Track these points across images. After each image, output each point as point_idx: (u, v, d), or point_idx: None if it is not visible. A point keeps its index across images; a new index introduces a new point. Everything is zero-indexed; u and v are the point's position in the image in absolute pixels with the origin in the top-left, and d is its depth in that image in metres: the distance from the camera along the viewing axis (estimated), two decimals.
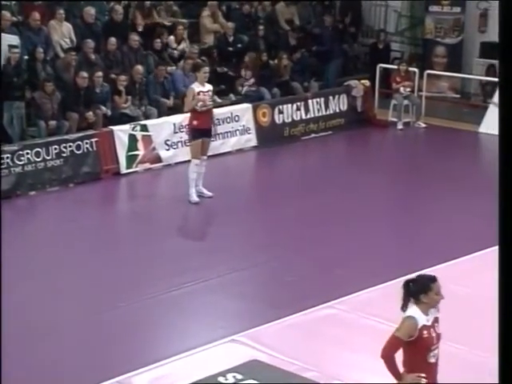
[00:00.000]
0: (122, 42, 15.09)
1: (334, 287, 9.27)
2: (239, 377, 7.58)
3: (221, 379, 7.56)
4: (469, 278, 9.65)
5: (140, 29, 15.59)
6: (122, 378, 7.56)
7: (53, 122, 13.47)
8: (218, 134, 13.47)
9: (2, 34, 13.56)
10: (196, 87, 11.96)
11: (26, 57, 13.99)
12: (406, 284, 5.77)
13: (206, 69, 12.22)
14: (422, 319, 5.66)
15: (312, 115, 16.06)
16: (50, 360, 7.92)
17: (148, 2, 16.21)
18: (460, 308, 8.39)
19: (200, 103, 11.82)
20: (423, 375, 5.65)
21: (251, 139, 15.18)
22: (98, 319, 8.75)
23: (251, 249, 10.68)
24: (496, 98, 16.22)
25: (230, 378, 7.58)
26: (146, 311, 8.96)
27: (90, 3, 15.67)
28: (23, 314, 8.67)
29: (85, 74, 13.85)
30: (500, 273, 5.62)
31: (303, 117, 15.94)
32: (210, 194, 12.30)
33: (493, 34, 18.19)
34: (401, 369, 5.70)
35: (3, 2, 14.27)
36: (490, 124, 16.02)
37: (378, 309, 8.34)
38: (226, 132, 14.64)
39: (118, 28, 15.39)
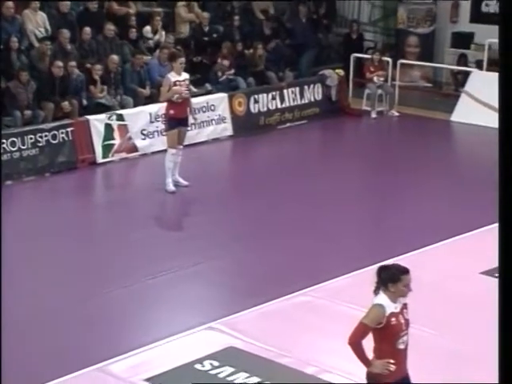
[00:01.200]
0: (97, 32, 15.03)
1: (307, 275, 9.31)
2: (216, 364, 7.61)
3: (198, 366, 7.59)
4: (438, 264, 9.76)
5: (115, 18, 15.54)
6: (101, 365, 7.57)
7: (28, 112, 13.43)
8: (194, 124, 13.47)
9: None
10: (172, 77, 11.94)
11: (0, 46, 13.89)
12: (380, 270, 5.82)
13: (182, 59, 12.19)
14: (391, 307, 5.69)
15: (287, 104, 16.10)
16: (30, 346, 7.94)
17: None
18: (428, 294, 8.49)
19: (176, 95, 11.82)
20: (392, 361, 5.69)
21: (227, 128, 15.20)
22: (75, 308, 8.74)
23: (227, 238, 10.70)
24: (467, 87, 16.35)
25: (207, 364, 7.61)
26: (123, 300, 8.97)
27: None
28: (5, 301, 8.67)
29: (60, 64, 13.79)
30: (500, 273, 5.54)
31: (278, 106, 15.98)
32: (186, 183, 12.31)
33: (464, 25, 18.37)
34: (371, 355, 5.77)
35: None
36: (462, 113, 16.18)
37: (351, 295, 8.40)
38: (202, 121, 14.62)
39: (93, 17, 15.34)
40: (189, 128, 12.61)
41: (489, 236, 10.58)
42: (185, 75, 12.09)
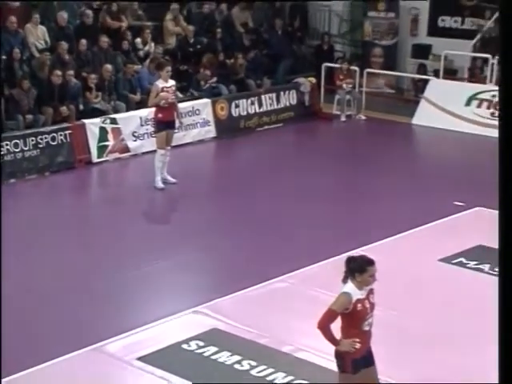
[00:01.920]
0: (92, 44, 15.01)
1: (284, 263, 9.33)
2: (201, 344, 7.63)
3: (185, 346, 7.61)
4: (401, 252, 9.80)
5: (109, 31, 15.51)
6: (96, 345, 7.57)
7: (30, 116, 13.37)
8: (181, 127, 13.44)
9: None
10: (160, 84, 11.95)
11: (4, 57, 13.83)
12: (348, 260, 5.84)
13: (169, 67, 12.19)
14: (357, 294, 5.72)
15: (265, 109, 16.12)
16: (34, 326, 7.92)
17: (116, 7, 16.12)
18: (391, 279, 8.53)
19: (162, 101, 11.81)
20: (357, 340, 5.73)
21: (211, 131, 15.20)
22: (73, 294, 8.72)
23: (211, 231, 10.69)
24: (426, 93, 16.42)
25: (193, 345, 7.63)
26: (117, 287, 8.95)
27: (62, 8, 15.56)
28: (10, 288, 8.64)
29: (58, 73, 13.77)
30: (500, 274, 5.26)
31: (257, 110, 15.99)
32: (173, 180, 12.30)
33: (422, 37, 18.49)
34: (340, 335, 5.80)
35: None
36: (422, 116, 16.24)
37: (323, 282, 8.42)
38: (188, 124, 14.61)
39: (89, 30, 15.30)
40: (176, 130, 12.59)
41: (446, 227, 10.68)
42: (171, 82, 12.09)
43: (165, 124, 12.04)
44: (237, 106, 15.66)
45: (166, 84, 11.94)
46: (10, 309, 8.07)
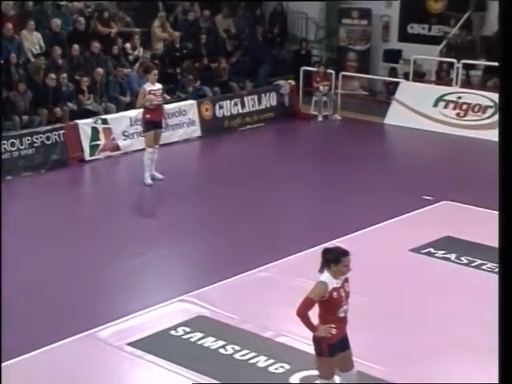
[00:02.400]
0: (84, 49, 14.94)
1: (266, 254, 9.33)
2: (188, 330, 7.63)
3: (172, 332, 7.60)
4: (374, 243, 9.82)
5: (100, 37, 15.45)
6: (89, 332, 7.55)
7: (25, 117, 13.30)
8: (168, 126, 13.40)
9: None
10: (147, 87, 11.94)
11: (1, 61, 13.73)
12: (324, 252, 5.84)
13: (156, 71, 12.20)
14: (332, 283, 5.72)
15: (247, 110, 16.09)
16: (29, 314, 7.86)
17: (106, 15, 16.06)
18: (365, 268, 8.54)
19: (147, 103, 11.78)
20: (334, 326, 5.74)
21: (196, 130, 15.16)
22: (67, 284, 8.68)
23: (197, 224, 10.68)
24: (397, 95, 16.45)
25: (180, 331, 7.62)
26: (108, 277, 8.91)
27: (56, 15, 15.49)
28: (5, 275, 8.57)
29: (53, 76, 13.74)
30: (500, 276, 5.02)
31: (240, 111, 15.96)
32: (161, 176, 12.25)
33: (393, 43, 18.56)
34: (317, 321, 5.79)
35: None
36: (393, 116, 16.28)
37: (302, 271, 8.40)
38: (175, 124, 14.58)
39: (81, 36, 15.24)
40: (163, 130, 12.53)
41: (416, 219, 10.71)
42: (158, 85, 12.07)
43: (153, 124, 12.02)
44: (221, 107, 15.63)
45: (153, 87, 11.91)
46: (6, 299, 8.00)
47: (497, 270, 9.02)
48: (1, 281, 8.21)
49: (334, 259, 5.72)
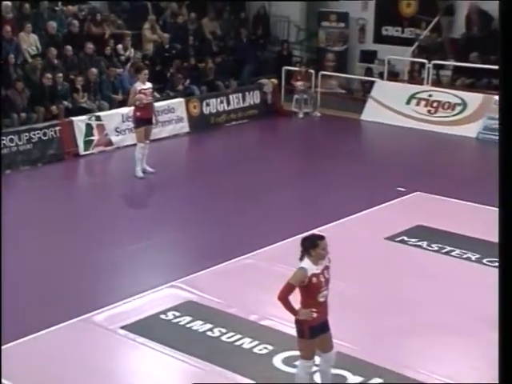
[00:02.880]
0: (78, 50, 14.85)
1: (251, 242, 9.31)
2: (177, 314, 7.61)
3: (163, 316, 7.58)
4: (352, 232, 9.82)
5: (93, 38, 15.36)
6: (84, 316, 7.52)
7: (23, 114, 13.21)
8: (158, 123, 13.34)
9: None
10: (138, 86, 11.88)
11: (0, 62, 13.61)
12: (302, 240, 5.83)
13: (146, 71, 12.14)
14: (312, 269, 5.71)
15: (232, 107, 16.04)
16: (27, 300, 7.81)
17: (99, 17, 15.96)
18: (343, 255, 8.55)
19: (138, 102, 11.72)
20: (314, 310, 5.74)
21: (184, 127, 15.09)
22: (63, 272, 8.63)
23: (185, 214, 10.64)
24: (373, 93, 16.46)
25: (170, 315, 7.60)
26: (102, 265, 8.86)
27: (52, 18, 15.37)
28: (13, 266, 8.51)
29: (49, 75, 13.64)
30: (500, 276, 4.79)
31: (225, 108, 15.91)
32: (152, 170, 12.20)
33: (369, 44, 18.56)
34: (299, 306, 5.78)
35: None
36: (369, 113, 16.29)
37: (286, 258, 8.33)
38: (164, 121, 14.52)
39: (76, 38, 15.15)
40: (153, 126, 12.47)
41: (390, 209, 10.73)
42: (148, 84, 12.01)
43: (143, 121, 11.97)
44: (207, 105, 15.57)
45: (143, 86, 11.86)
46: (6, 285, 7.94)
47: (465, 256, 9.08)
48: (1, 268, 8.14)
49: (312, 244, 5.72)
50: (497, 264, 8.83)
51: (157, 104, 13.13)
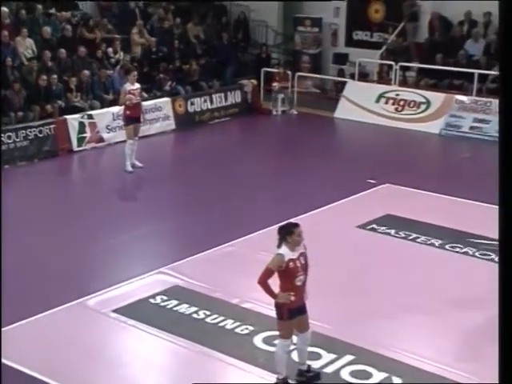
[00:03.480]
0: (72, 53, 14.68)
1: (233, 231, 9.28)
2: (165, 298, 7.58)
3: (151, 300, 7.55)
4: (326, 221, 9.83)
5: (86, 42, 15.22)
6: (78, 301, 7.47)
7: (20, 113, 13.06)
8: (146, 121, 13.25)
9: None
10: (128, 86, 11.80)
11: None
12: (279, 229, 5.82)
13: (135, 72, 12.08)
14: (289, 254, 5.71)
15: (215, 106, 15.95)
16: (25, 286, 7.73)
17: (91, 23, 15.80)
18: (318, 242, 8.55)
19: (128, 102, 11.65)
20: (292, 294, 5.74)
21: (171, 124, 14.99)
22: (58, 260, 8.56)
23: (172, 206, 10.60)
24: (345, 93, 16.45)
25: (158, 299, 7.57)
26: (94, 253, 8.80)
27: (47, 23, 15.18)
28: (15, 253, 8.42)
29: (44, 77, 13.49)
30: (500, 278, 4.20)
31: (209, 107, 15.83)
32: (141, 165, 12.11)
33: (341, 48, 18.57)
34: (278, 290, 5.77)
35: None
36: (341, 111, 16.28)
37: (264, 246, 8.32)
38: (152, 119, 14.41)
39: (69, 42, 14.98)
40: (142, 124, 12.38)
41: (361, 200, 10.75)
42: (137, 85, 11.93)
43: (133, 119, 11.90)
44: (192, 104, 15.48)
45: (132, 87, 11.79)
46: (4, 273, 7.86)
47: (429, 242, 9.12)
48: (1, 257, 8.05)
49: (288, 232, 5.72)
50: (458, 249, 8.91)
51: (144, 103, 13.05)
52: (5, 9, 14.56)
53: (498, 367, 4.00)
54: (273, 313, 5.99)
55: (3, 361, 6.34)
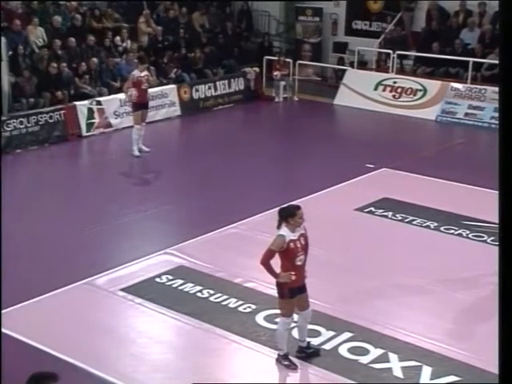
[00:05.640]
0: (81, 41, 14.58)
1: (236, 213, 9.25)
2: (170, 277, 7.58)
3: (157, 279, 7.55)
4: (326, 203, 9.80)
5: (94, 31, 15.13)
6: (87, 280, 7.47)
7: (32, 99, 12.98)
8: (152, 107, 13.19)
9: None
10: (136, 73, 11.75)
11: (10, 52, 13.35)
12: (280, 210, 5.79)
13: (147, 64, 12.16)
14: (290, 235, 5.69)
15: (219, 92, 15.86)
16: (37, 265, 7.72)
17: (99, 12, 15.69)
18: (319, 224, 8.52)
19: (134, 92, 11.50)
20: (293, 273, 5.72)
21: (176, 110, 14.91)
22: (70, 238, 8.55)
23: (177, 188, 10.57)
24: (344, 80, 16.35)
25: (164, 278, 7.57)
26: (102, 233, 8.78)
27: (57, 12, 15.05)
28: (21, 235, 8.40)
29: (54, 65, 13.39)
30: (500, 279, 3.92)
31: (213, 94, 15.74)
32: (147, 149, 12.07)
33: (341, 37, 18.42)
34: (279, 270, 5.76)
35: None
36: (341, 98, 16.19)
37: (268, 227, 8.27)
38: (158, 105, 14.35)
39: (78, 31, 14.86)
40: (149, 110, 12.31)
41: (360, 184, 10.71)
42: (145, 72, 11.88)
43: (140, 105, 11.84)
44: (197, 91, 15.39)
45: (140, 74, 11.73)
46: (16, 249, 7.87)
47: (425, 224, 9.08)
48: (1, 238, 8.00)
49: (291, 214, 5.69)
50: (452, 231, 8.88)
51: (151, 90, 12.94)
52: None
53: (493, 347, 3.89)
54: (274, 292, 5.98)
55: (16, 336, 6.36)
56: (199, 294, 7.21)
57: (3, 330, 6.29)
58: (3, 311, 6.58)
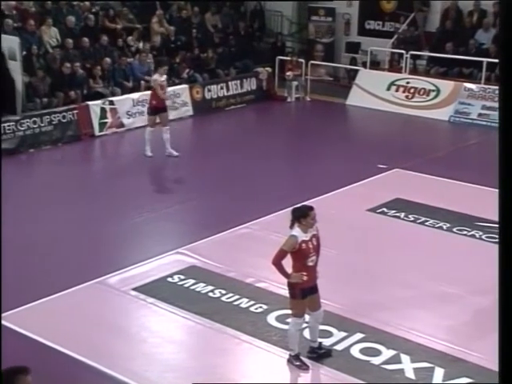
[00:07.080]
0: (94, 41, 14.64)
1: (248, 213, 9.25)
2: (182, 277, 7.59)
3: (169, 279, 7.56)
4: (338, 204, 9.77)
5: (107, 31, 15.18)
6: (99, 279, 7.50)
7: (45, 99, 13.05)
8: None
9: (5, 36, 13.02)
10: (158, 77, 11.70)
11: (24, 52, 13.42)
12: (293, 210, 5.78)
13: (166, 66, 12.13)
14: (302, 236, 5.68)
15: (231, 92, 15.87)
16: (50, 264, 7.76)
17: (112, 12, 15.75)
18: (331, 225, 8.50)
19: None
20: (304, 273, 5.71)
21: (188, 110, 14.94)
22: (83, 238, 8.59)
23: (190, 188, 10.58)
24: (357, 80, 16.30)
25: (176, 278, 7.58)
26: (115, 233, 8.81)
27: (70, 13, 15.11)
28: (30, 232, 8.45)
29: (68, 65, 13.47)
30: (500, 280, 3.83)
31: (225, 94, 15.75)
32: (176, 153, 11.81)
33: (353, 37, 18.38)
34: (291, 270, 5.75)
35: (7, 12, 13.84)
36: (353, 98, 16.15)
37: (279, 228, 8.29)
38: (170, 105, 14.32)
39: (91, 31, 14.92)
40: (167, 113, 12.28)
41: (372, 184, 10.68)
42: (165, 76, 11.93)
43: (157, 109, 11.83)
44: (209, 91, 15.41)
45: (161, 78, 11.75)
46: (28, 248, 7.90)
47: (437, 225, 9.04)
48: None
49: (303, 214, 5.68)
50: (465, 232, 8.83)
51: None
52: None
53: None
54: (286, 292, 5.97)
55: (28, 334, 6.39)
56: (211, 294, 7.21)
57: (15, 328, 6.33)
58: (15, 310, 6.62)
